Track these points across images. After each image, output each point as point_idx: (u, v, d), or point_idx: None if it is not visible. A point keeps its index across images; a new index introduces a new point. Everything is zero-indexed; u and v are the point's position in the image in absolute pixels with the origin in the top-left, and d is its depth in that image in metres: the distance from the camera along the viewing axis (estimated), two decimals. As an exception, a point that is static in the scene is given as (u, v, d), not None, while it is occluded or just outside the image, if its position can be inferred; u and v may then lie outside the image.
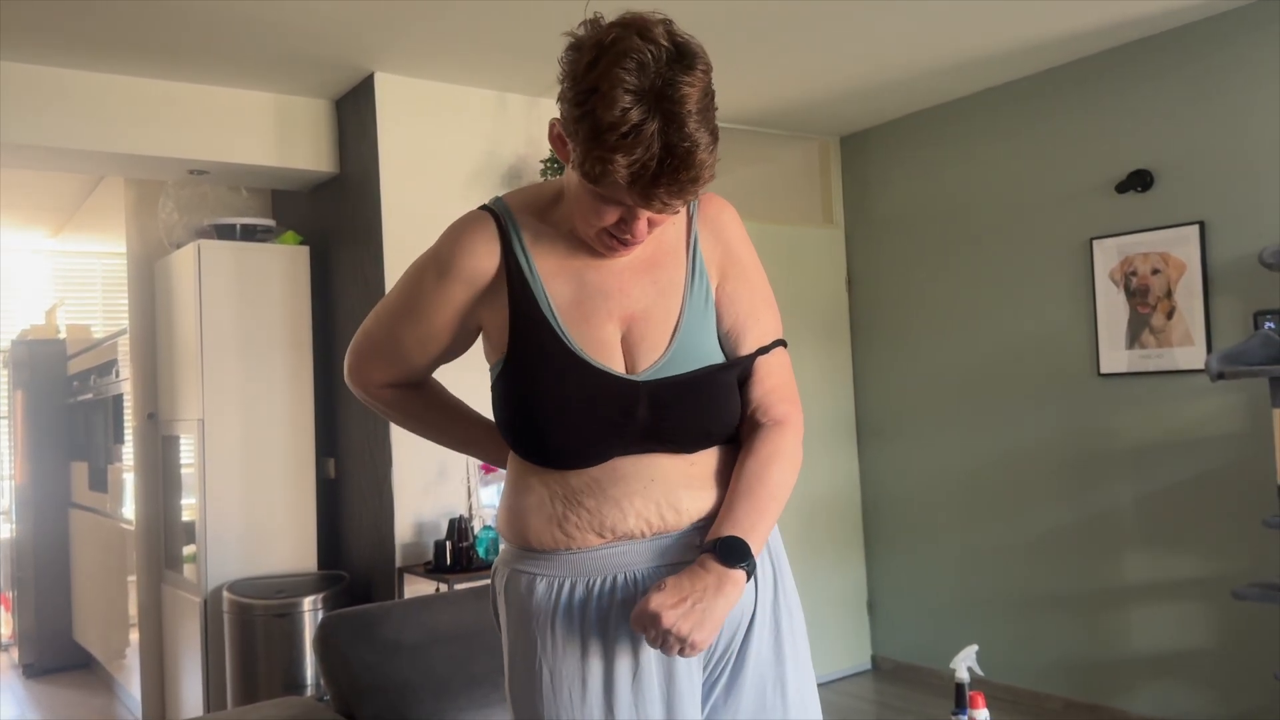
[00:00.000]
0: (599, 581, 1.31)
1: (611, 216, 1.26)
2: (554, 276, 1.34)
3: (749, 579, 1.28)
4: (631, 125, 1.13)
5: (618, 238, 1.29)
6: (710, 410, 1.35)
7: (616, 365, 1.33)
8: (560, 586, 1.31)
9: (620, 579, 1.31)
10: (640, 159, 1.15)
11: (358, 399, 1.55)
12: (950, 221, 4.63)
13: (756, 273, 1.45)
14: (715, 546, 1.28)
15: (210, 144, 3.95)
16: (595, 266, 1.35)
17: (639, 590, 1.30)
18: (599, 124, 1.14)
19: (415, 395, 1.55)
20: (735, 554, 1.27)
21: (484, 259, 1.34)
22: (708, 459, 1.37)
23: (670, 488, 1.32)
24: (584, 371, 1.31)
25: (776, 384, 1.42)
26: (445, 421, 1.59)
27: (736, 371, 1.39)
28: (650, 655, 1.30)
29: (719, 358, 1.38)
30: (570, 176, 1.28)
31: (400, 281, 1.43)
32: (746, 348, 1.40)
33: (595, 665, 1.29)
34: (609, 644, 1.29)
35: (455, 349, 1.45)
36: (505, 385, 1.34)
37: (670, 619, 1.20)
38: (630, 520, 1.31)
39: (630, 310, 1.34)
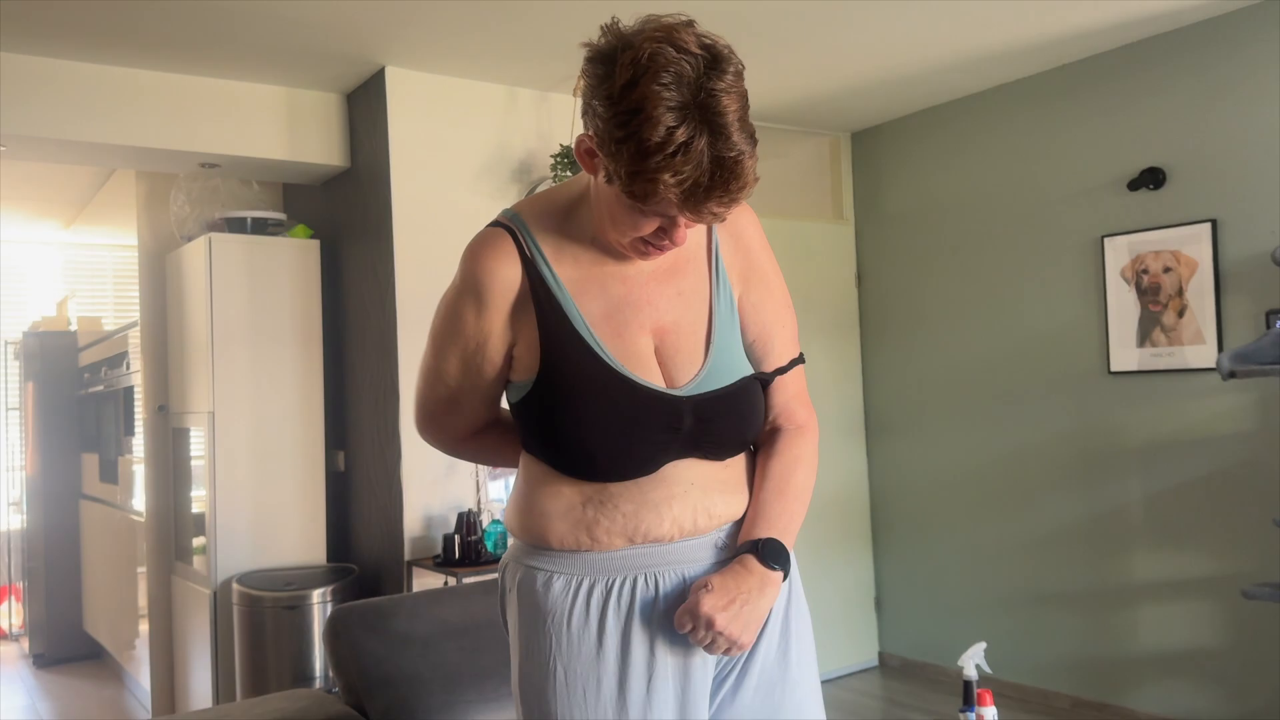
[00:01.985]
0: (619, 582, 1.30)
1: (650, 227, 1.24)
2: (580, 289, 1.32)
3: (785, 579, 1.32)
4: (679, 144, 1.11)
5: (654, 245, 1.27)
6: (748, 421, 1.37)
7: (655, 379, 1.32)
8: (578, 585, 1.30)
9: (640, 580, 1.30)
10: (691, 176, 1.12)
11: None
12: (961, 218, 4.62)
13: (777, 279, 1.45)
14: (756, 548, 1.30)
15: (222, 137, 3.96)
16: (620, 278, 1.33)
17: (659, 592, 1.30)
18: (645, 146, 1.11)
19: (494, 434, 1.49)
20: (775, 555, 1.31)
21: (508, 271, 1.31)
22: (738, 462, 1.38)
23: (706, 492, 1.33)
24: (628, 388, 1.29)
25: (798, 390, 1.45)
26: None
27: (768, 381, 1.41)
28: (667, 656, 1.29)
29: (747, 366, 1.39)
30: (600, 187, 1.25)
31: (435, 326, 1.39)
32: (773, 355, 1.42)
33: (611, 665, 1.28)
34: (626, 644, 1.29)
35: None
36: (540, 405, 1.31)
37: (723, 622, 1.24)
38: (665, 525, 1.30)
39: (661, 322, 1.33)
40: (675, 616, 1.27)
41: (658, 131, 1.10)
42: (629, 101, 1.12)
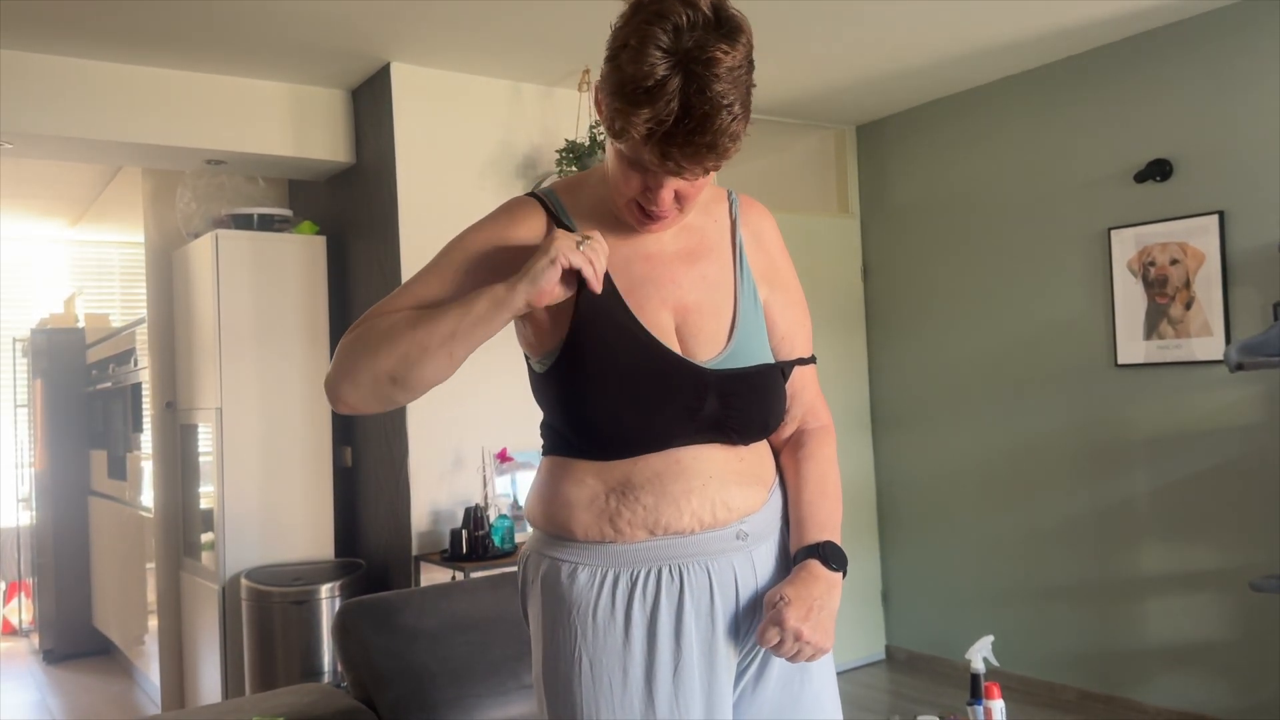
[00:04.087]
0: (643, 573, 1.31)
1: (635, 183, 1.25)
2: (607, 261, 1.33)
3: (844, 578, 1.36)
4: (656, 81, 1.13)
5: (645, 210, 1.29)
6: (772, 405, 1.38)
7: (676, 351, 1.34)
8: (603, 577, 1.31)
9: (665, 571, 1.31)
10: (658, 115, 1.14)
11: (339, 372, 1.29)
12: (967, 211, 4.61)
13: (797, 284, 1.49)
14: (819, 552, 1.34)
15: (227, 134, 3.97)
16: (644, 256, 1.35)
17: (684, 584, 1.31)
18: (624, 77, 1.15)
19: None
20: (836, 557, 1.35)
21: (536, 223, 1.34)
22: (753, 455, 1.39)
23: (724, 484, 1.34)
24: (657, 353, 1.30)
25: (818, 390, 1.50)
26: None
27: (789, 372, 1.43)
28: (692, 647, 1.30)
29: (769, 355, 1.40)
30: (608, 144, 1.29)
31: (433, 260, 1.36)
32: (797, 355, 1.45)
33: (637, 656, 1.29)
34: (652, 636, 1.29)
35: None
36: (566, 369, 1.31)
37: (808, 632, 1.27)
38: (685, 518, 1.31)
39: (684, 301, 1.34)
40: (759, 632, 1.28)
41: (639, 66, 1.14)
42: (622, 36, 1.17)
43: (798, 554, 1.36)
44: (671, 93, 1.13)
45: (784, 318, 1.43)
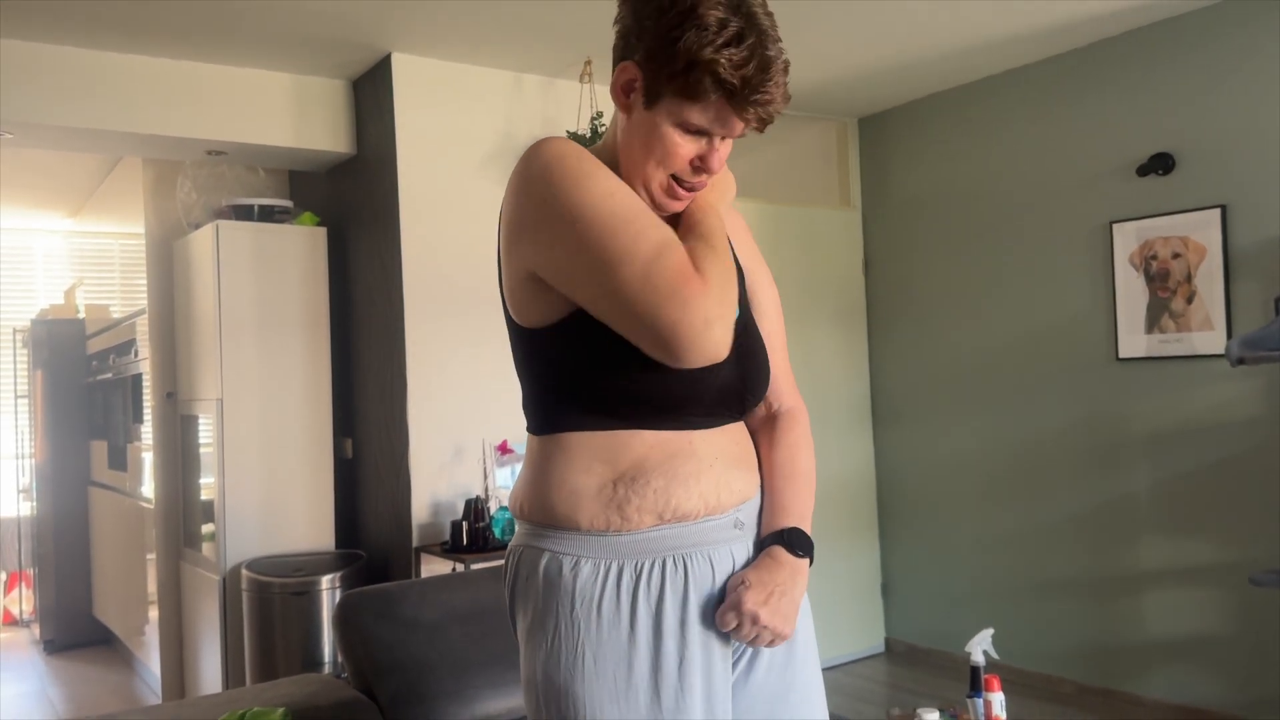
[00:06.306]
0: (648, 565, 1.30)
1: (690, 149, 1.27)
2: None
3: (810, 564, 1.37)
4: (733, 34, 1.20)
5: (683, 184, 1.30)
6: (769, 365, 1.39)
7: None
8: (608, 570, 1.29)
9: (669, 563, 1.30)
10: (742, 64, 1.20)
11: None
12: (969, 204, 4.60)
13: (767, 272, 1.52)
14: (783, 539, 1.36)
15: (228, 124, 3.96)
16: None
17: (688, 575, 1.30)
18: (703, 37, 1.20)
19: None
20: (801, 543, 1.37)
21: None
22: (745, 438, 1.40)
23: (727, 467, 1.35)
24: None
25: (784, 372, 1.49)
26: None
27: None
28: (695, 639, 1.30)
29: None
30: (637, 122, 1.28)
31: (573, 198, 1.22)
32: (771, 341, 1.47)
33: (643, 650, 1.28)
34: (658, 629, 1.29)
35: None
36: (589, 324, 1.25)
37: (766, 617, 1.29)
38: (693, 500, 1.31)
39: None
40: (718, 615, 1.30)
41: (711, 22, 1.20)
42: (684, 3, 1.21)
43: (765, 539, 1.37)
44: (749, 45, 1.20)
45: (763, 297, 1.47)
